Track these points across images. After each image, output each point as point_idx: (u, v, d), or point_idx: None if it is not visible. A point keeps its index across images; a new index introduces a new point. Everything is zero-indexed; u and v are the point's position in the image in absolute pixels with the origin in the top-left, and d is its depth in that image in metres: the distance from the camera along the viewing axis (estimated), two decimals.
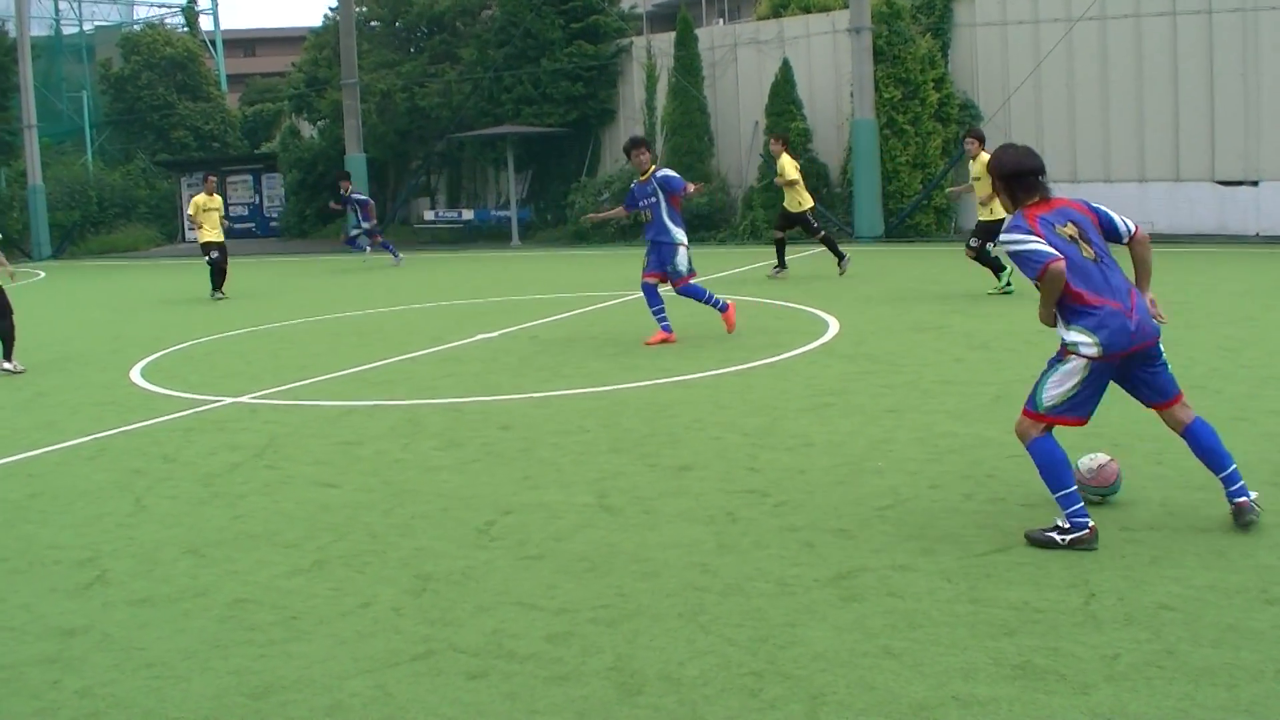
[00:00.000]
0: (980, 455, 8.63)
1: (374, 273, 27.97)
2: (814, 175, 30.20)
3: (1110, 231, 7.04)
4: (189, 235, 45.53)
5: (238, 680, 5.55)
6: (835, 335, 14.35)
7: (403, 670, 5.52)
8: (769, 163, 30.08)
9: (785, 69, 31.32)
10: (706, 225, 31.31)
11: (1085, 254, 6.82)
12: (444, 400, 11.79)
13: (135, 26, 55.77)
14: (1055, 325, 6.95)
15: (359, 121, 36.96)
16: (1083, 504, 6.72)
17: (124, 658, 5.94)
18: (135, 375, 14.77)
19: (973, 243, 17.29)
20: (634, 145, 14.81)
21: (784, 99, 31.17)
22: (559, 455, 9.36)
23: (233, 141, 51.57)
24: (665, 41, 34.56)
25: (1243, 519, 6.76)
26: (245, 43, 77.67)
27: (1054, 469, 6.75)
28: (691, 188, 14.78)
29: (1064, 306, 6.83)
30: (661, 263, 14.54)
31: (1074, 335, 6.78)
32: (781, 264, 21.57)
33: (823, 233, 21.65)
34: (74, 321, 22.18)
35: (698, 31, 34.21)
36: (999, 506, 7.40)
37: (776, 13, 34.90)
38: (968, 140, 17.93)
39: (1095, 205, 7.15)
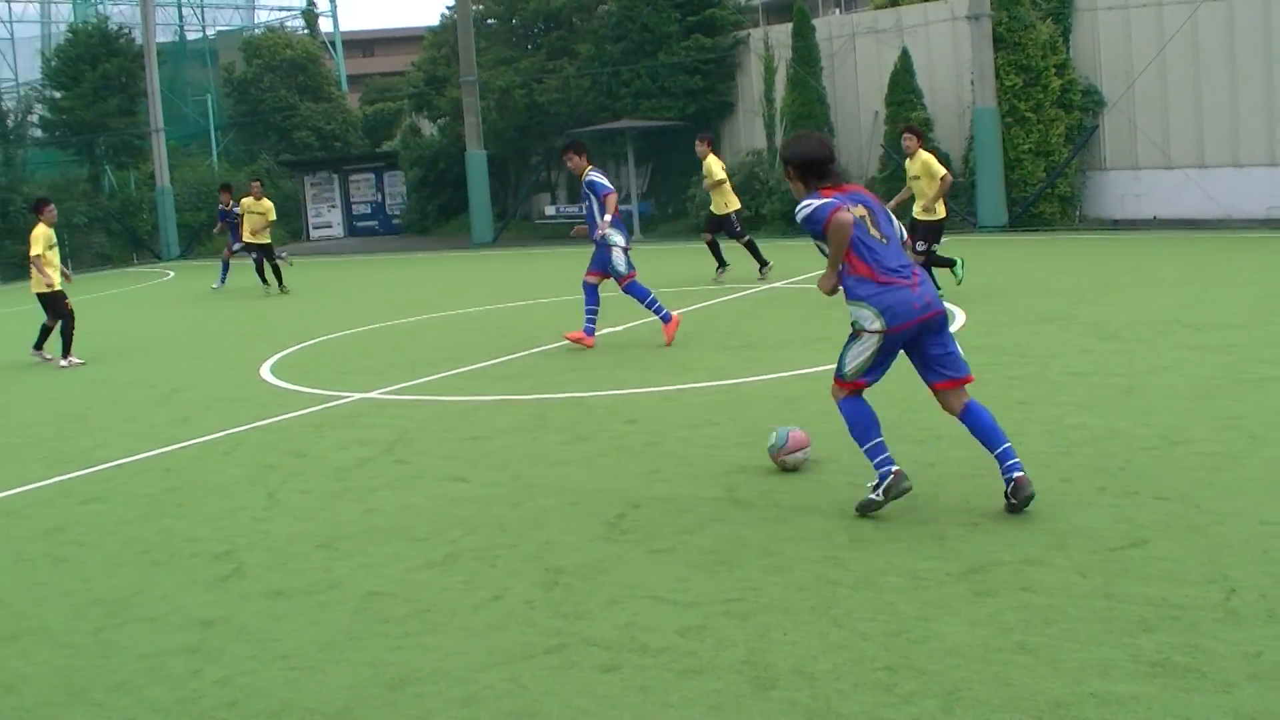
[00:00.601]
0: (1112, 448, 8.47)
1: (500, 264, 28.05)
2: None
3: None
4: (313, 234, 46.16)
5: (373, 672, 5.60)
6: (961, 326, 14.19)
7: (536, 663, 5.54)
8: (889, 153, 29.92)
9: (904, 58, 30.99)
10: None
11: (873, 234, 7.30)
12: (570, 394, 11.83)
13: (256, 30, 56.50)
14: (834, 293, 7.45)
15: (479, 118, 37.15)
16: (888, 454, 7.33)
17: (261, 648, 6.03)
18: (265, 372, 15.03)
19: (919, 247, 15.56)
20: (564, 150, 15.16)
21: (904, 88, 30.87)
22: (687, 449, 9.35)
23: (354, 140, 52.09)
24: (782, 33, 34.32)
25: (1021, 494, 7.14)
26: (363, 43, 78.36)
27: (861, 425, 7.40)
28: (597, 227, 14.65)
29: (853, 282, 7.26)
30: (602, 263, 14.61)
31: (860, 311, 7.25)
32: (721, 263, 21.27)
33: (746, 237, 21.36)
34: (204, 319, 22.55)
35: (815, 22, 33.92)
36: (1132, 500, 7.25)
37: (894, 1, 34.57)
38: (906, 136, 16.43)
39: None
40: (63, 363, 17.15)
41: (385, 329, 18.28)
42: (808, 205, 7.29)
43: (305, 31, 56.56)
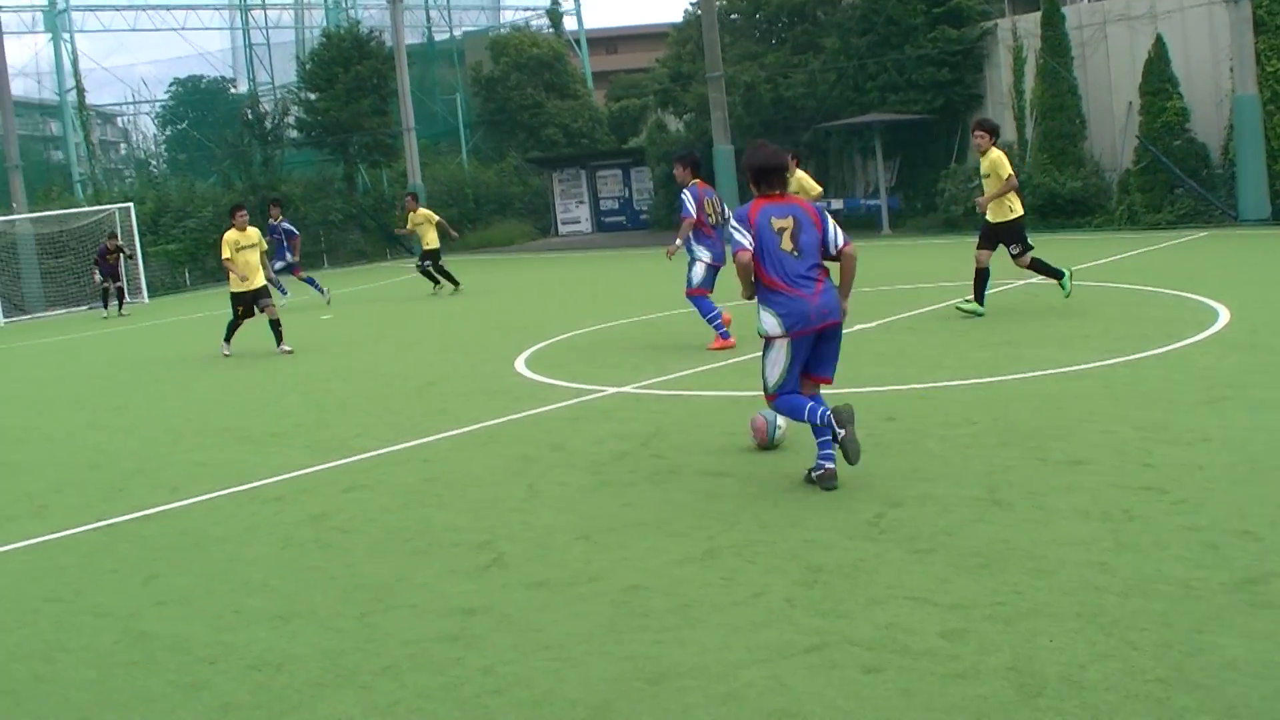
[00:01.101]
0: None
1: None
2: (1192, 156, 29.00)
3: (825, 241, 8.43)
4: (562, 230, 46.73)
5: (634, 665, 5.60)
6: (1227, 324, 13.68)
7: (796, 662, 5.47)
8: (1145, 145, 29.08)
9: (1159, 45, 30.01)
10: (1081, 210, 30.42)
11: (785, 247, 8.29)
12: (827, 390, 11.68)
13: (502, 30, 57.51)
14: (751, 298, 8.52)
15: (725, 114, 37.13)
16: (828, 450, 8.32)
17: (522, 638, 6.07)
18: (520, 365, 15.24)
19: (1012, 251, 15.49)
20: (674, 159, 15.64)
21: (1159, 77, 29.89)
22: (946, 448, 9.17)
23: (600, 137, 52.62)
24: (1031, 22, 33.59)
25: (825, 482, 8.29)
26: (607, 40, 79.07)
27: (798, 409, 8.36)
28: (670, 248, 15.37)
29: (762, 289, 8.34)
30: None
31: (765, 317, 8.33)
32: None
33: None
34: (458, 313, 22.96)
35: (1064, 10, 33.09)
36: None
37: None
38: (977, 133, 15.83)
39: (827, 216, 8.57)
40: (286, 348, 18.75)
41: (637, 323, 18.38)
42: (735, 230, 8.41)
43: (550, 30, 57.35)
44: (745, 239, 8.27)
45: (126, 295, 34.90)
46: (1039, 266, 15.64)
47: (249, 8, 55.63)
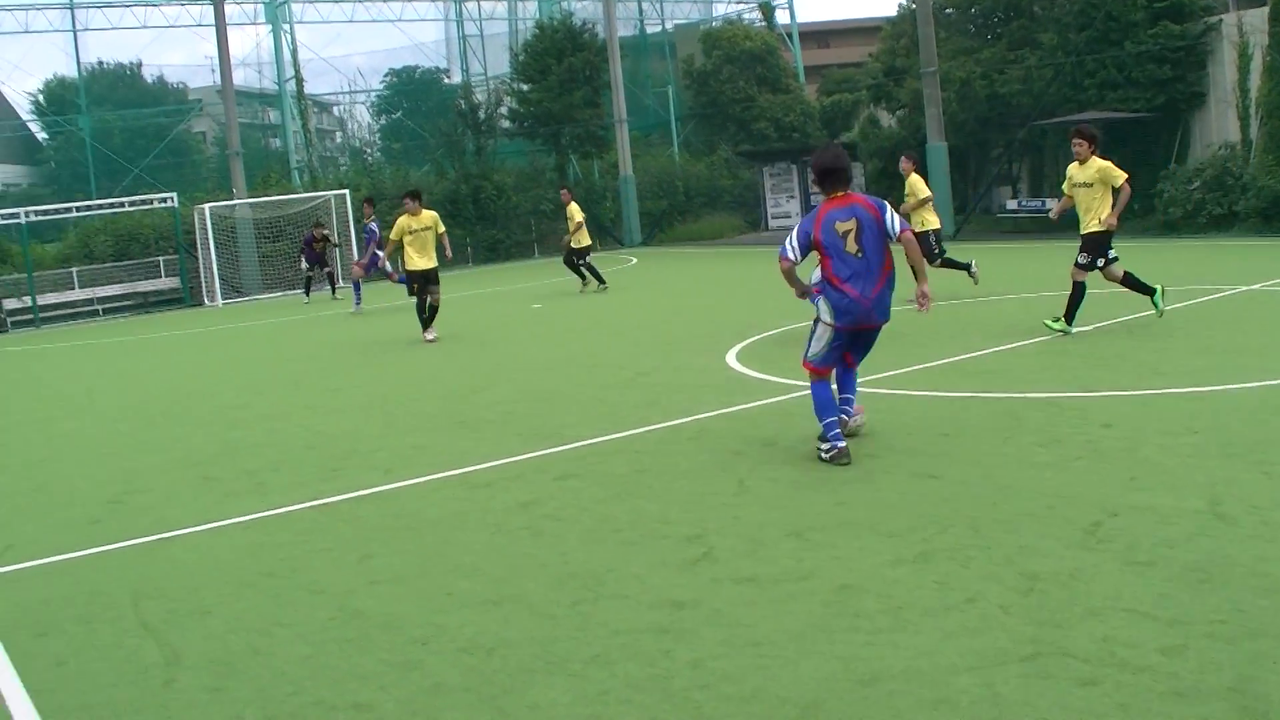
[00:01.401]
0: None
1: (959, 258, 27.43)
2: None
3: (884, 231, 9.35)
4: (771, 224, 46.63)
5: (844, 666, 5.56)
6: None
7: (1010, 670, 5.37)
8: None
9: None
10: None
11: (849, 249, 9.31)
12: (1042, 394, 11.47)
13: (714, 23, 57.54)
14: (803, 297, 9.88)
15: (939, 110, 36.66)
16: (839, 431, 9.52)
17: (732, 634, 6.07)
18: (730, 359, 15.24)
19: (1081, 259, 14.91)
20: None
21: None
22: (1165, 457, 8.91)
23: (812, 132, 52.33)
24: (1257, 17, 32.40)
25: (848, 427, 9.96)
26: (819, 35, 78.55)
27: (823, 406, 9.56)
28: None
29: (826, 282, 9.43)
30: None
31: (822, 306, 9.53)
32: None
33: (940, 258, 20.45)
34: (668, 305, 23.08)
35: None
36: None
37: None
38: (1076, 141, 15.54)
39: (885, 207, 9.43)
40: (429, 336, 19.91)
41: None
42: (792, 233, 9.65)
43: (763, 24, 57.22)
44: (793, 246, 9.56)
45: (339, 279, 35.71)
46: (1133, 284, 15.17)
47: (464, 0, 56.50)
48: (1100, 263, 14.88)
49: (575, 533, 8.16)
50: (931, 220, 20.11)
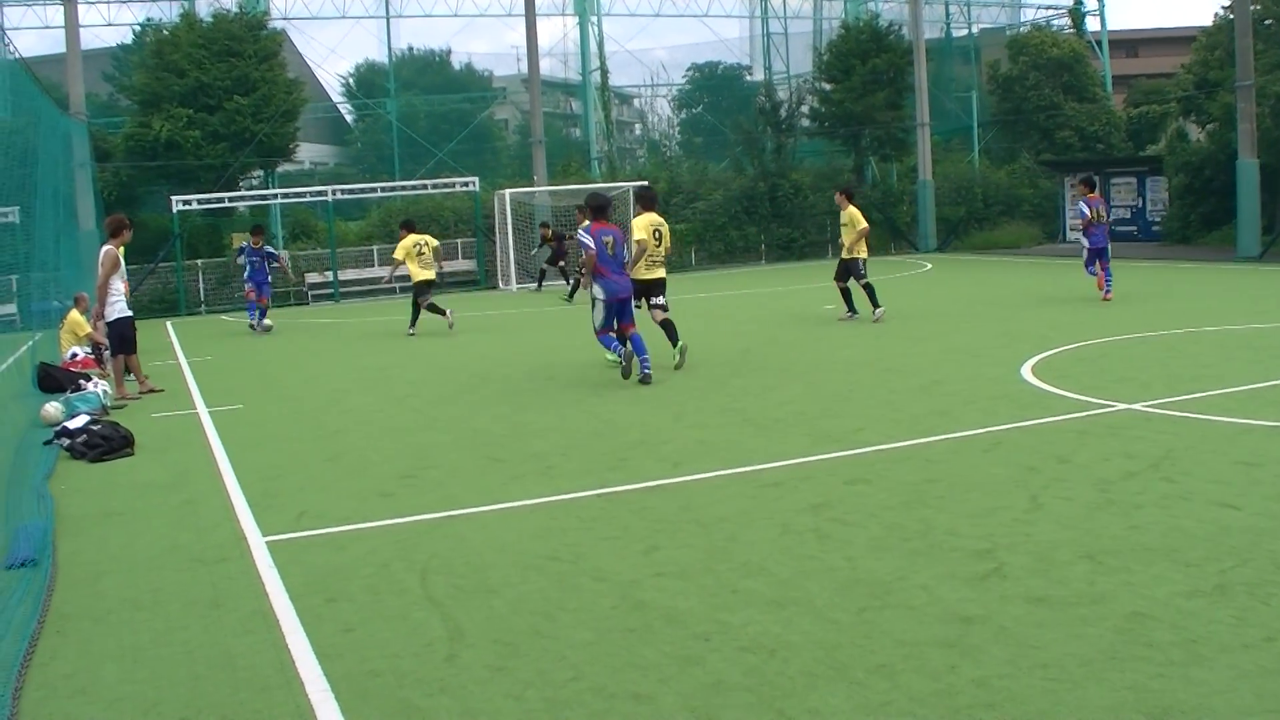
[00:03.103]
0: None
1: (1267, 280, 26.51)
2: None
3: (624, 242, 16.30)
4: (1070, 235, 45.58)
5: (1134, 697, 5.41)
6: None
7: None
8: None
9: None
10: None
11: (610, 252, 15.87)
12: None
13: (1021, 28, 56.48)
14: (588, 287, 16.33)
15: (1253, 125, 35.27)
16: (619, 348, 16.05)
17: (1019, 654, 5.96)
18: (1026, 372, 14.96)
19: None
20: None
21: None
22: None
23: (1116, 143, 51.02)
24: None
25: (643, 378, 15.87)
26: (1128, 43, 76.57)
27: (607, 342, 16.24)
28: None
29: (596, 274, 15.84)
30: None
31: (596, 289, 15.95)
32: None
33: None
34: (962, 314, 22.75)
35: None
36: None
37: None
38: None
39: (623, 230, 16.88)
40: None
41: (1149, 339, 17.68)
42: (583, 239, 16.06)
43: (1071, 30, 55.95)
44: (591, 243, 15.83)
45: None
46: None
47: None
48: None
49: (863, 538, 8.12)
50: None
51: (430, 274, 24.66)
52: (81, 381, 16.32)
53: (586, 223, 16.42)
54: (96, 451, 12.77)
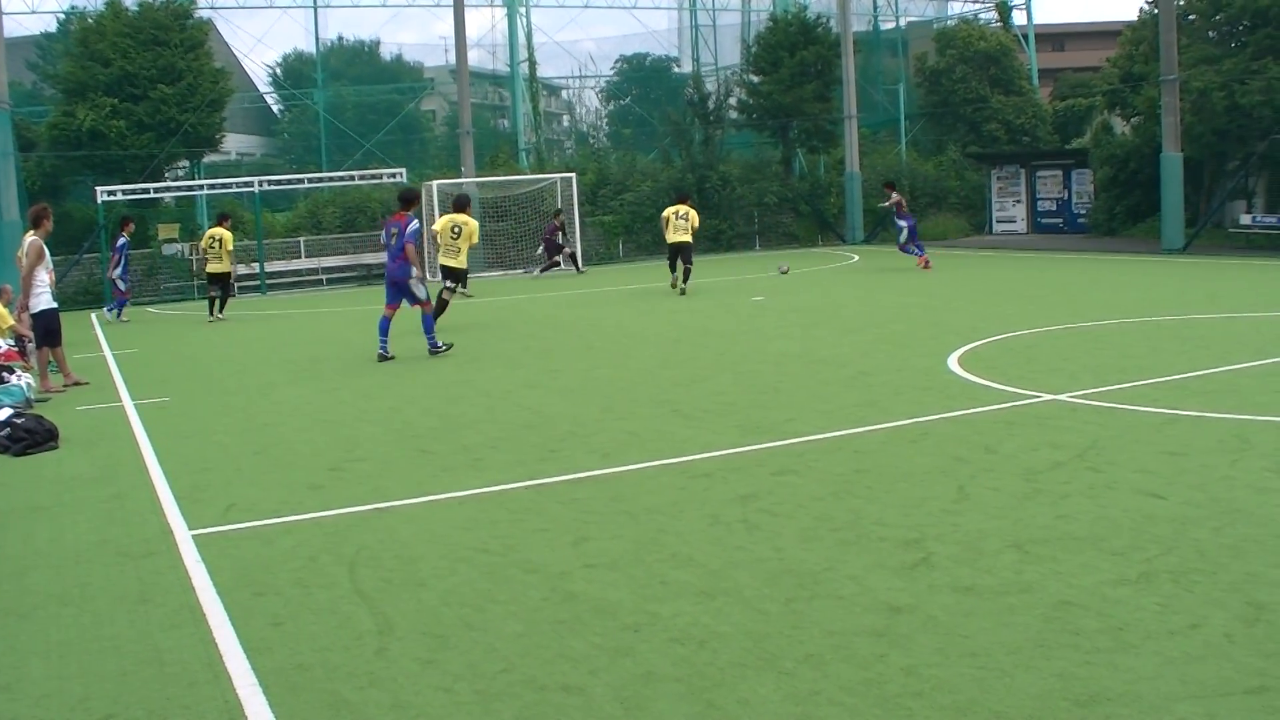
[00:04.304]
0: None
1: (1191, 272, 26.82)
2: None
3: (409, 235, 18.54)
4: (996, 228, 45.94)
5: (1062, 684, 5.47)
6: None
7: (1234, 702, 5.23)
8: None
9: None
10: None
11: (392, 242, 18.67)
12: (1273, 418, 11.10)
13: (949, 21, 56.79)
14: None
15: (1177, 119, 35.60)
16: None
17: (948, 643, 6.01)
18: (953, 363, 15.06)
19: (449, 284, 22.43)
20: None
21: None
22: None
23: (1043, 136, 51.39)
24: None
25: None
26: (1054, 37, 77.07)
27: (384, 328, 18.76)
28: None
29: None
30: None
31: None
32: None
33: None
34: (889, 305, 22.87)
35: None
36: None
37: None
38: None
39: (409, 225, 18.55)
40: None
41: (1071, 330, 17.84)
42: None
43: (998, 24, 56.31)
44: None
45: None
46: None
47: None
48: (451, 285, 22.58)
49: (792, 529, 8.15)
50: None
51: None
52: (4, 374, 16.09)
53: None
54: (21, 445, 12.63)
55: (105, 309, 31.20)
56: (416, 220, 19.02)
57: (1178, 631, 6.05)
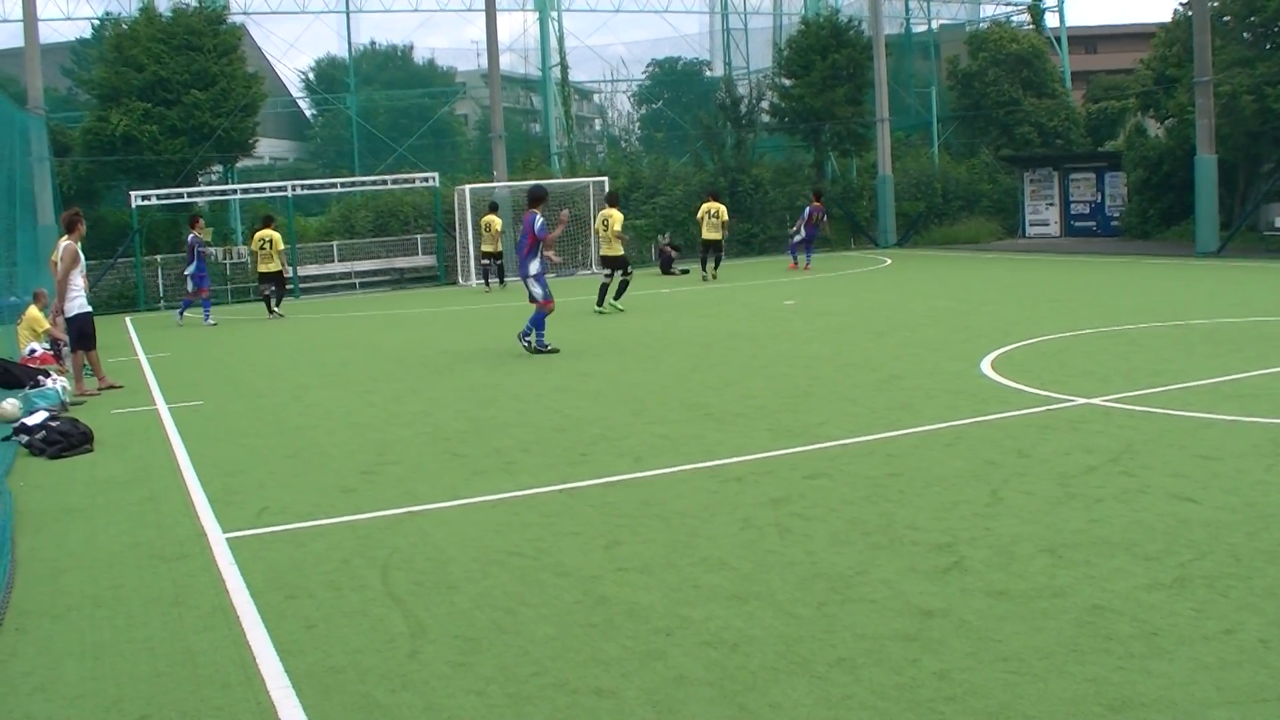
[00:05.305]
0: None
1: (1225, 275, 26.65)
2: None
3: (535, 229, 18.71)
4: (1029, 231, 45.76)
5: (1095, 689, 5.44)
6: None
7: (1270, 708, 5.19)
8: None
9: None
10: None
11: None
12: None
13: (981, 24, 56.62)
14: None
15: (1211, 121, 35.38)
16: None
17: (980, 647, 6.00)
18: (986, 366, 15.01)
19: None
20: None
21: None
22: None
23: (1075, 138, 51.18)
24: None
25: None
26: (1087, 39, 76.79)
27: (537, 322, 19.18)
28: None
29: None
30: None
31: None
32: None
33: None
34: (921, 309, 22.79)
35: None
36: None
37: None
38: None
39: (531, 221, 18.78)
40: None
41: (1109, 333, 17.77)
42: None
43: (1030, 26, 56.12)
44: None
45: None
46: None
47: None
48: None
49: (824, 533, 8.14)
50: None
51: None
52: (40, 378, 16.18)
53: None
54: (55, 448, 12.70)
55: (176, 312, 31.50)
56: (536, 215, 18.87)
57: (1212, 637, 6.01)
